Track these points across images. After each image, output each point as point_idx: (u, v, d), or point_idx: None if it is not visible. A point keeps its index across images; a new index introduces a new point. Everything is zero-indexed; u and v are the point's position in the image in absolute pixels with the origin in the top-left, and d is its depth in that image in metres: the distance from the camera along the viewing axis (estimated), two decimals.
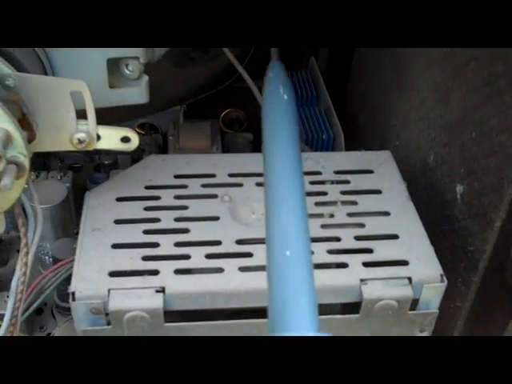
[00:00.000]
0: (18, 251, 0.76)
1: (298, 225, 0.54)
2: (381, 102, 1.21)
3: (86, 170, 1.36)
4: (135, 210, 0.83)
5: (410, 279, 0.75)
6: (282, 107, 0.72)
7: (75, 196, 1.25)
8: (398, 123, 1.12)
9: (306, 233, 0.53)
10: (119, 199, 0.84)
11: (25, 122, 0.70)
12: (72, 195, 1.22)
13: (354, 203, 0.86)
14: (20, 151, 0.66)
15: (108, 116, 0.78)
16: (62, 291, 0.94)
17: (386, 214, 0.84)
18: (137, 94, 0.82)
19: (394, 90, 1.13)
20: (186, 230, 0.80)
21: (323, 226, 0.82)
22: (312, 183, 0.88)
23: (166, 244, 0.78)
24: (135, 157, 1.56)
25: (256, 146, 1.47)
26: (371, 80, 1.27)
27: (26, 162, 0.67)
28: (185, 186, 0.87)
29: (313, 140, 1.20)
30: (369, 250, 0.79)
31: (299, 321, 0.46)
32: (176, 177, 0.88)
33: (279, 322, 0.46)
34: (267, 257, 0.52)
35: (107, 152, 1.51)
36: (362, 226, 0.82)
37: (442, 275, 0.76)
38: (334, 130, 1.22)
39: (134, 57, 0.80)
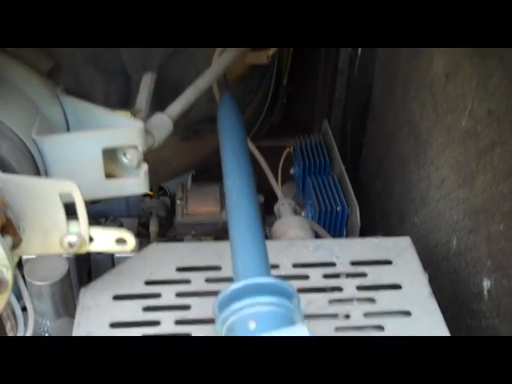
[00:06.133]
0: None
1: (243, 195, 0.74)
2: (398, 173, 1.15)
3: None
4: (133, 310, 0.76)
5: None
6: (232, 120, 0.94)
7: (79, 265, 1.20)
8: (417, 199, 1.06)
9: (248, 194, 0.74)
10: (116, 297, 0.78)
11: (9, 227, 0.63)
12: (75, 267, 1.16)
13: (372, 301, 0.78)
14: (2, 264, 0.60)
15: None
16: None
17: (407, 314, 0.77)
18: (135, 184, 0.77)
19: (412, 162, 1.07)
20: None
21: (338, 329, 0.75)
22: (326, 277, 0.82)
23: None
24: (143, 220, 1.51)
25: (267, 208, 1.42)
26: (387, 148, 1.20)
27: (8, 274, 0.61)
28: (188, 281, 0.80)
29: (326, 212, 1.13)
30: None
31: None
32: (178, 269, 0.82)
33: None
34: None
35: (113, 218, 1.47)
36: (380, 328, 0.75)
37: None
38: (349, 201, 1.15)
39: (132, 145, 0.74)
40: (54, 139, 0.73)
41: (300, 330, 0.56)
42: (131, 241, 0.69)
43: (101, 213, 1.45)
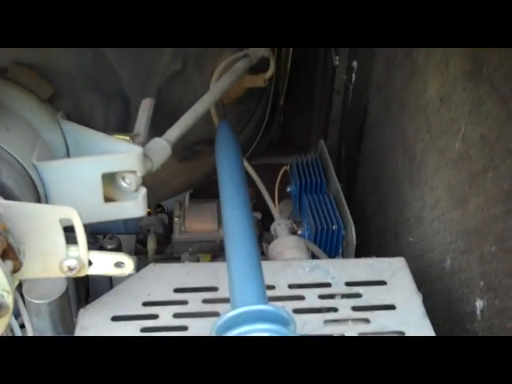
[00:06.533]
0: None
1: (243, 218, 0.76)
2: (393, 193, 1.16)
3: None
4: (131, 331, 0.77)
5: None
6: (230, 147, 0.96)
7: (77, 283, 1.21)
8: (412, 218, 1.07)
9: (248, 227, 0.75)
10: (115, 318, 0.79)
11: (10, 251, 0.65)
12: (73, 285, 1.17)
13: (366, 321, 0.80)
14: (3, 288, 0.62)
15: None
16: None
17: (401, 334, 0.78)
18: (134, 207, 0.78)
19: (407, 183, 1.08)
20: None
21: None
22: (321, 297, 0.83)
23: None
24: (141, 237, 1.52)
25: (265, 225, 1.43)
26: (383, 167, 1.22)
27: (9, 299, 0.62)
28: (185, 302, 0.81)
29: (322, 231, 1.14)
30: None
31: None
32: (176, 290, 0.83)
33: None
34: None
35: (111, 235, 1.47)
36: None
37: None
38: (345, 220, 1.16)
39: (131, 170, 0.76)
40: (54, 165, 0.74)
41: None
42: (129, 264, 0.70)
43: (99, 230, 1.46)
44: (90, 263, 0.69)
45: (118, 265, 0.70)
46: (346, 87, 1.34)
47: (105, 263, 0.70)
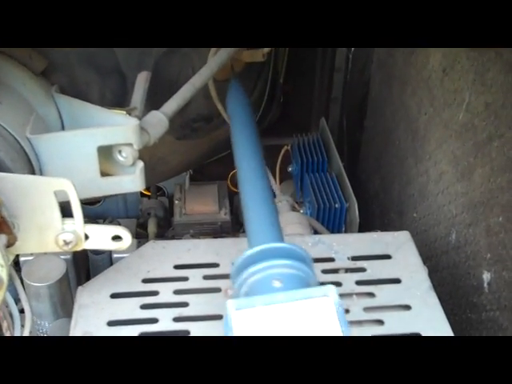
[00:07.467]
0: None
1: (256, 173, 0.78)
2: (396, 169, 1.14)
3: None
4: (131, 308, 0.75)
5: None
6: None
7: (77, 266, 1.19)
8: (416, 194, 1.05)
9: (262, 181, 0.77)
10: (114, 295, 0.77)
11: (4, 225, 0.63)
12: (73, 268, 1.16)
13: (371, 295, 0.78)
14: None
15: None
16: None
17: (407, 307, 0.76)
18: (131, 181, 0.76)
19: (410, 158, 1.06)
20: (185, 333, 0.73)
21: None
22: (325, 272, 0.81)
23: None
24: (141, 220, 1.51)
25: None
26: (385, 144, 1.20)
27: (3, 273, 0.61)
28: (185, 279, 0.80)
29: (325, 209, 1.13)
30: None
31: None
32: (176, 267, 0.81)
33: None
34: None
35: (112, 219, 1.46)
36: (380, 323, 0.74)
37: None
38: (347, 198, 1.15)
39: (127, 143, 0.74)
40: (48, 138, 0.72)
41: (328, 289, 0.59)
42: (127, 238, 0.68)
43: (99, 214, 1.45)
44: (86, 237, 0.68)
45: (116, 238, 0.68)
46: (348, 63, 1.32)
47: (102, 237, 0.68)
